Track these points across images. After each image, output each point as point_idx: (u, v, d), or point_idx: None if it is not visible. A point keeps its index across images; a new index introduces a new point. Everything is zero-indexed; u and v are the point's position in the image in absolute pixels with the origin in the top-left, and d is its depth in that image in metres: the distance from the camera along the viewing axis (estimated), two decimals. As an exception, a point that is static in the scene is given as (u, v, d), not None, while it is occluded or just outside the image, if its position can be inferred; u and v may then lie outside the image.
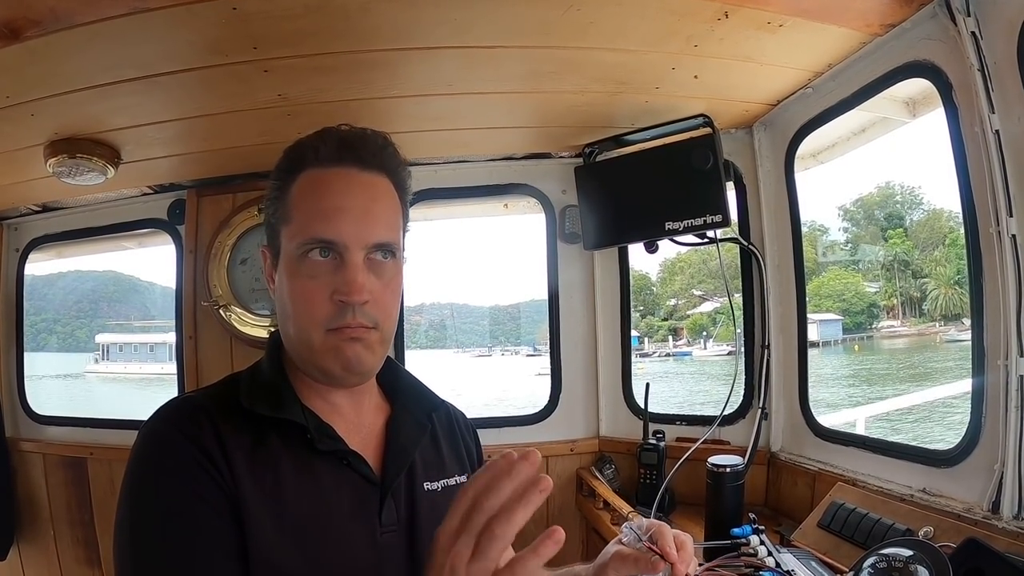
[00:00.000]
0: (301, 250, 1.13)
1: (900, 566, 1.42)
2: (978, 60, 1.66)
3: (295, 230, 1.14)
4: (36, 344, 38.71)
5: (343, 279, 1.12)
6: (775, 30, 1.90)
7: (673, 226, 2.55)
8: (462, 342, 55.20)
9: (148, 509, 1.04)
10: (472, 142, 2.87)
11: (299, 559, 1.06)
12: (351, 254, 1.13)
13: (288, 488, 1.09)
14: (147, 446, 1.08)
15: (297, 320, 1.15)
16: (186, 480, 1.03)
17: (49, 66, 1.88)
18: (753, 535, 1.80)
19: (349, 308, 1.12)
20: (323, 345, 1.14)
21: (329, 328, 1.13)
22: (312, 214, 1.13)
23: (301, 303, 1.13)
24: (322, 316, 1.12)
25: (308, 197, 1.15)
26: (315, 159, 1.17)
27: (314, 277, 1.13)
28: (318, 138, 1.19)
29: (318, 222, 1.12)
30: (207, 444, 1.06)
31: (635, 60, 2.10)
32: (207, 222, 3.10)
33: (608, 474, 2.88)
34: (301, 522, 1.08)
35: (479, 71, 2.14)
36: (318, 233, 1.12)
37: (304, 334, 1.14)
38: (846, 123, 2.69)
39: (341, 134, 1.20)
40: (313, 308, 1.12)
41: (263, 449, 1.10)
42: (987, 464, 1.69)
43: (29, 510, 3.38)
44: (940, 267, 38.76)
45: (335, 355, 1.14)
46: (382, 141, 1.22)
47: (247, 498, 1.05)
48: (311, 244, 1.12)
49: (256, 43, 1.85)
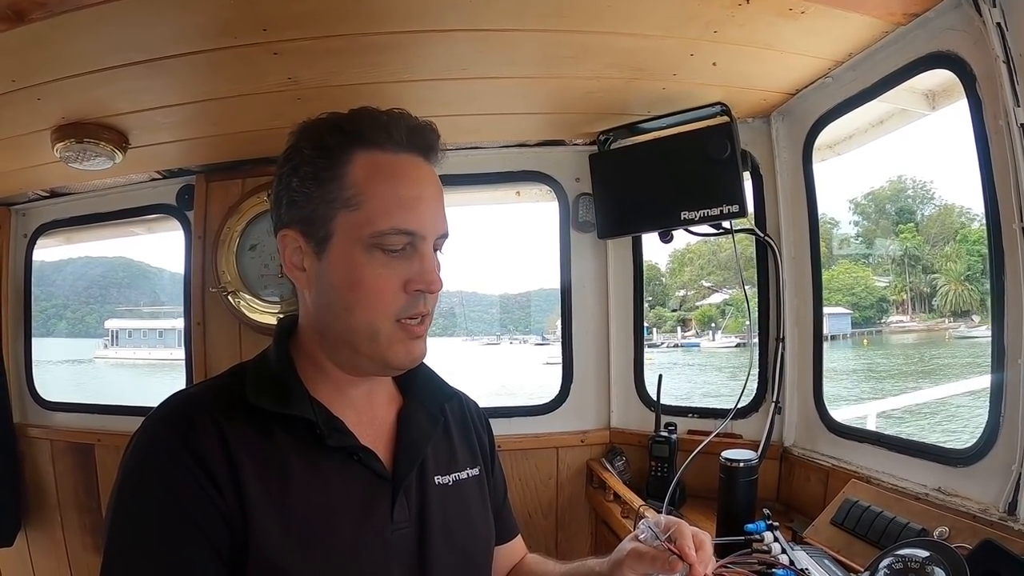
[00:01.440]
0: (376, 240, 1.09)
1: (916, 567, 1.40)
2: (1003, 51, 1.62)
3: (365, 217, 1.09)
4: (46, 330, 38.96)
5: (422, 269, 1.11)
6: (796, 17, 1.86)
7: (689, 216, 2.53)
8: (471, 330, 55.32)
9: (132, 516, 1.03)
10: (485, 128, 2.84)
11: (309, 562, 1.04)
12: (426, 244, 1.12)
13: (296, 488, 1.07)
14: (143, 449, 1.06)
15: (362, 310, 1.11)
16: (176, 493, 1.01)
17: (55, 49, 1.86)
18: (767, 531, 1.78)
19: (422, 297, 1.12)
20: (390, 336, 1.12)
21: (399, 318, 1.12)
22: (391, 202, 1.10)
23: (370, 292, 1.10)
24: (394, 306, 1.11)
25: (381, 183, 1.11)
26: (382, 142, 1.13)
27: (387, 266, 1.10)
28: (381, 120, 1.15)
29: (400, 211, 1.10)
30: (208, 454, 1.03)
31: (652, 45, 2.07)
32: (216, 208, 3.08)
33: (619, 466, 2.86)
34: (309, 523, 1.06)
35: (493, 55, 2.11)
36: (401, 224, 1.09)
37: (370, 325, 1.12)
38: (864, 114, 2.64)
39: (407, 120, 1.16)
40: (384, 298, 1.11)
41: (270, 446, 1.08)
42: (1004, 464, 1.66)
43: (36, 496, 3.39)
44: (951, 263, 38.66)
45: (404, 349, 1.14)
46: (438, 133, 1.20)
47: (252, 503, 1.03)
48: (390, 233, 1.09)
49: (265, 25, 1.82)
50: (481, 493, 1.37)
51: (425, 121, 1.18)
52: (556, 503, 3.00)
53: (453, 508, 1.26)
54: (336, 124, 1.15)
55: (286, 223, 1.16)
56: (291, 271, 1.18)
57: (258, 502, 1.03)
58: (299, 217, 1.14)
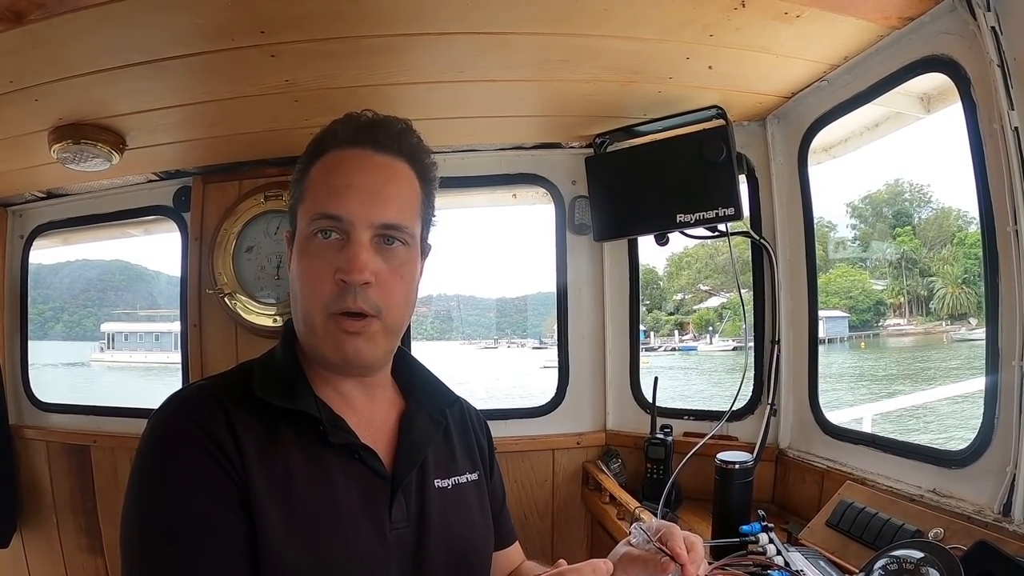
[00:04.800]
0: (311, 227, 1.13)
1: (911, 568, 1.40)
2: (998, 55, 1.63)
3: (306, 208, 1.15)
4: (43, 332, 38.81)
5: (344, 256, 1.10)
6: (792, 20, 1.87)
7: (684, 218, 2.53)
8: (468, 334, 55.18)
9: (159, 501, 1.03)
10: (481, 130, 2.85)
11: (306, 553, 1.05)
12: (357, 232, 1.11)
13: (298, 481, 1.08)
14: (159, 436, 1.07)
15: (302, 302, 1.14)
16: (198, 472, 1.02)
17: (53, 50, 1.86)
18: (762, 533, 1.78)
19: (351, 290, 1.10)
20: (323, 330, 1.13)
21: (331, 312, 1.11)
22: (322, 191, 1.14)
23: (306, 283, 1.13)
24: (325, 297, 1.11)
25: (322, 176, 1.16)
26: (334, 142, 1.18)
27: (319, 256, 1.12)
28: (339, 122, 1.20)
29: (327, 198, 1.13)
30: (220, 435, 1.05)
31: (649, 49, 2.07)
32: (213, 209, 3.08)
33: (615, 468, 2.86)
34: (310, 516, 1.07)
35: (490, 58, 2.11)
36: (325, 208, 1.12)
37: (308, 317, 1.14)
38: (859, 117, 2.65)
39: (361, 118, 1.20)
40: (316, 288, 1.12)
41: (274, 440, 1.09)
42: (999, 466, 1.66)
43: (32, 497, 3.39)
44: (948, 266, 38.64)
45: (335, 345, 1.13)
46: (402, 126, 1.22)
47: (257, 491, 1.04)
48: (318, 219, 1.12)
49: (263, 27, 1.83)
50: (480, 498, 1.37)
51: (387, 118, 1.22)
52: (552, 505, 3.01)
53: (452, 511, 1.27)
54: (315, 136, 1.22)
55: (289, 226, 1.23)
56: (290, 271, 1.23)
57: (261, 490, 1.04)
58: (289, 220, 1.22)
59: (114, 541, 3.16)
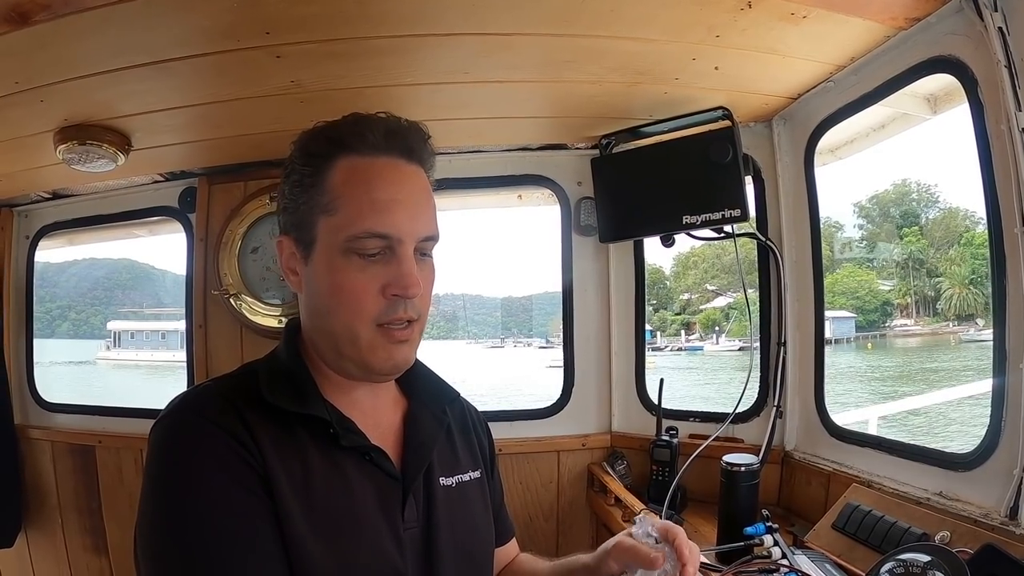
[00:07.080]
0: (351, 244, 1.10)
1: (918, 572, 1.40)
2: (1005, 56, 1.62)
3: (341, 222, 1.10)
4: (50, 330, 38.90)
5: (399, 273, 1.10)
6: (798, 21, 1.86)
7: (690, 220, 2.53)
8: (474, 333, 55.30)
9: (187, 499, 1.01)
10: (487, 132, 2.85)
11: (329, 552, 1.05)
12: (404, 248, 1.11)
13: (317, 481, 1.08)
14: (176, 435, 1.06)
15: (343, 315, 1.12)
16: (223, 466, 1.02)
17: (58, 51, 1.86)
18: (767, 534, 1.78)
19: (402, 302, 1.11)
20: (371, 342, 1.13)
21: (379, 323, 1.11)
22: (363, 206, 1.10)
23: (349, 297, 1.11)
24: (373, 311, 1.11)
25: (356, 187, 1.11)
26: (358, 146, 1.13)
27: (364, 271, 1.10)
28: (360, 124, 1.15)
29: (372, 214, 1.10)
30: (237, 431, 1.04)
31: (655, 50, 2.07)
32: (218, 210, 3.09)
33: (620, 470, 2.86)
34: (331, 515, 1.07)
35: (496, 59, 2.11)
36: (373, 227, 1.09)
37: (350, 329, 1.12)
38: (865, 118, 2.65)
39: (387, 123, 1.16)
40: (362, 302, 1.11)
41: (290, 441, 1.09)
42: (1006, 469, 1.65)
43: (36, 498, 3.39)
44: (955, 266, 38.56)
45: (385, 354, 1.14)
46: (425, 133, 1.20)
47: (278, 488, 1.04)
48: (364, 237, 1.09)
49: (268, 28, 1.83)
50: (482, 495, 1.38)
51: (410, 123, 1.19)
52: (557, 507, 3.00)
53: (457, 509, 1.27)
54: (321, 132, 1.17)
55: (282, 229, 1.20)
56: (287, 275, 1.21)
57: (283, 487, 1.04)
58: (291, 223, 1.17)
59: (119, 541, 3.18)
